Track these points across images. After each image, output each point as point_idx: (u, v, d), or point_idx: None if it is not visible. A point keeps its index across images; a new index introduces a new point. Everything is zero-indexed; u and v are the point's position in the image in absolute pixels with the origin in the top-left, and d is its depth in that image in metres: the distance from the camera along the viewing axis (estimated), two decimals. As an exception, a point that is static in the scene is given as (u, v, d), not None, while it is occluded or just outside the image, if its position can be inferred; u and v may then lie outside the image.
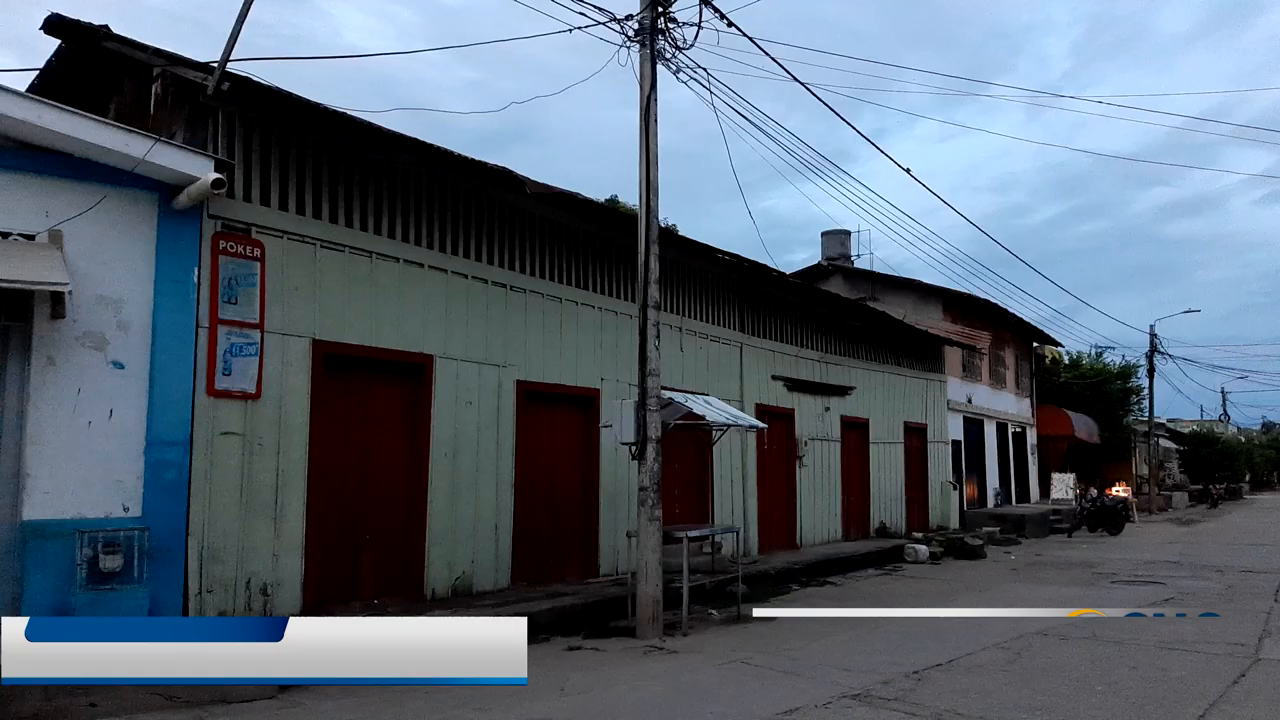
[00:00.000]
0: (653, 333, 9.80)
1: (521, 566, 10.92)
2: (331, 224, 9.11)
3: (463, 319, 10.36)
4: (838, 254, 26.59)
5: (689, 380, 13.92)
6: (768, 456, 16.10)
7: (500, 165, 9.79)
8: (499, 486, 10.65)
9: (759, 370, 15.89)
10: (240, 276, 8.28)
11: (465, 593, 10.18)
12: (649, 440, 9.63)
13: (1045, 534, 24.83)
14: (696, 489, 14.24)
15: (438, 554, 9.90)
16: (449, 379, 10.14)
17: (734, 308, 15.33)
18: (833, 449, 18.08)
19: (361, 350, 9.29)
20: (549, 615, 9.63)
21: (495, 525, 10.57)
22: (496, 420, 10.68)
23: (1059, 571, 15.79)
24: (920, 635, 9.60)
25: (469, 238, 10.55)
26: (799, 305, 17.11)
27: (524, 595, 10.35)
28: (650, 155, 9.91)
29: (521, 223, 11.25)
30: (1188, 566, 16.41)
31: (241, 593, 8.15)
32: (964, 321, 25.09)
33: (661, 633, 9.35)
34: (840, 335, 18.66)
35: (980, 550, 18.30)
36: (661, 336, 13.55)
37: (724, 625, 10.25)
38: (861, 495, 19.20)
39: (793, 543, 16.54)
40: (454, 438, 10.14)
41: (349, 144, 9.22)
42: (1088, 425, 33.65)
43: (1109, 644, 8.89)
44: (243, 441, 8.23)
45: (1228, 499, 50.72)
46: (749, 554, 15.06)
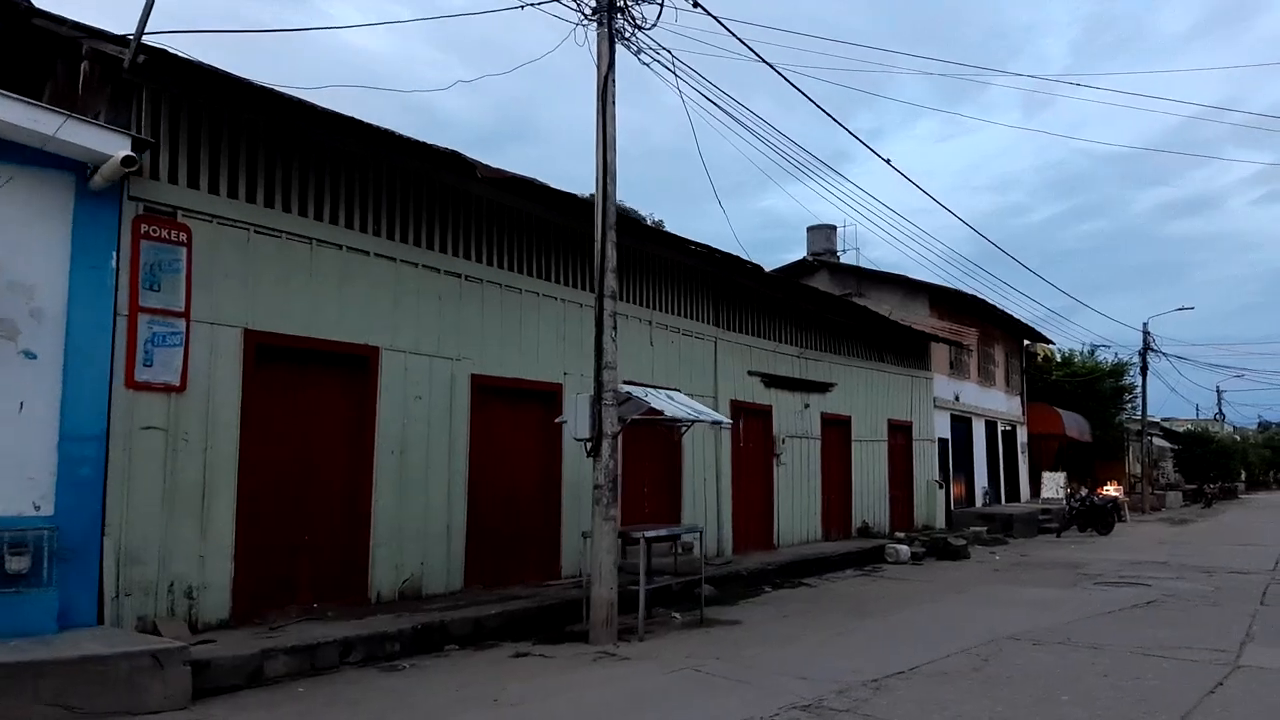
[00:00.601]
0: (609, 324, 9.37)
1: (476, 568, 10.48)
2: (267, 208, 8.66)
3: (413, 310, 9.92)
4: (823, 249, 26.16)
5: (660, 375, 13.49)
6: (744, 454, 15.66)
7: (449, 148, 9.34)
8: (451, 485, 10.21)
9: (734, 366, 15.45)
10: (164, 262, 7.83)
11: (414, 595, 9.74)
12: (605, 436, 9.20)
13: (1034, 534, 24.42)
14: (667, 488, 13.80)
15: (384, 555, 9.46)
16: (397, 372, 9.69)
17: (708, 301, 14.89)
18: (812, 447, 17.64)
19: (299, 341, 8.84)
20: (498, 619, 9.19)
21: (447, 525, 10.13)
22: (449, 415, 10.23)
23: (1042, 572, 15.36)
24: (888, 640, 9.17)
25: (420, 225, 10.11)
26: (777, 299, 16.67)
27: (476, 598, 9.91)
28: (607, 138, 9.48)
29: (478, 210, 10.81)
30: (1175, 567, 15.99)
31: (164, 596, 7.70)
32: (951, 318, 24.67)
33: (616, 638, 8.92)
34: (821, 331, 18.23)
35: (964, 550, 17.87)
36: (632, 331, 13.20)
37: (685, 629, 9.82)
38: (842, 494, 18.77)
39: (770, 543, 16.11)
40: (402, 433, 9.70)
41: (286, 124, 8.78)
42: (1079, 424, 33.22)
43: (1083, 649, 8.46)
44: (166, 436, 7.78)
45: (1222, 498, 50.33)
46: (723, 554, 14.64)
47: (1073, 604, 11.52)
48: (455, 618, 8.87)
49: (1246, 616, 10.31)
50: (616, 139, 9.54)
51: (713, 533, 14.58)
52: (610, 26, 9.53)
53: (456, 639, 8.70)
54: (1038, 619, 10.25)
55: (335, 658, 7.71)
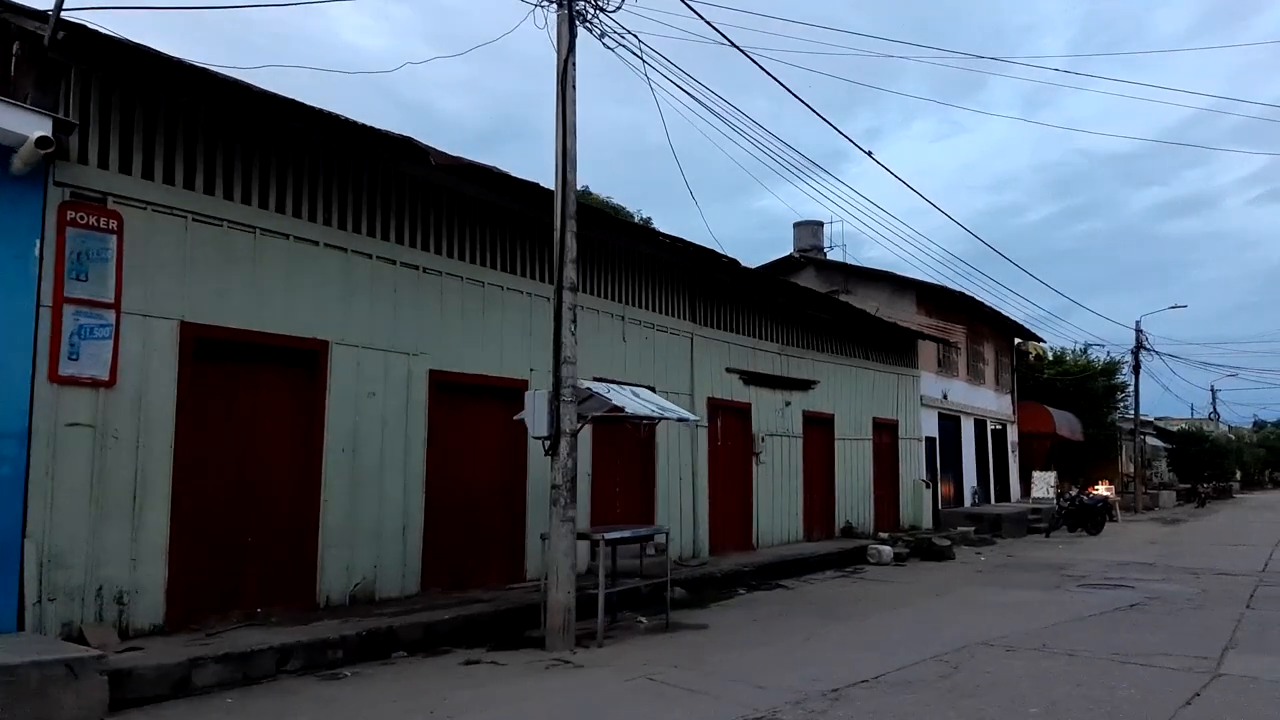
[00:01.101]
0: (569, 317, 9.01)
1: (435, 571, 10.11)
2: (207, 195, 8.28)
3: (366, 303, 9.54)
4: (810, 245, 25.80)
5: (632, 372, 13.13)
6: (721, 453, 15.30)
7: (400, 134, 8.97)
8: (408, 484, 9.84)
9: (711, 363, 15.09)
10: (92, 251, 7.45)
11: (366, 600, 9.37)
12: (563, 434, 8.84)
13: (1023, 534, 24.07)
14: (640, 488, 13.44)
15: (334, 558, 9.09)
16: (348, 367, 9.32)
17: (683, 296, 14.53)
18: (794, 445, 17.28)
19: (242, 335, 8.46)
20: (452, 624, 8.82)
21: (403, 526, 9.76)
22: (405, 413, 9.86)
23: (1027, 574, 15.02)
24: (858, 645, 8.82)
25: (375, 215, 9.74)
26: (757, 295, 16.31)
27: (432, 602, 9.54)
28: (568, 124, 9.12)
29: (438, 200, 10.43)
30: (1162, 569, 15.65)
31: (91, 602, 7.32)
32: (939, 315, 24.32)
33: (574, 644, 8.56)
34: (803, 327, 17.87)
35: (948, 551, 17.52)
36: (604, 326, 12.84)
37: (649, 634, 9.46)
38: (825, 494, 18.41)
39: (748, 543, 15.75)
40: (354, 431, 9.33)
41: (224, 108, 8.40)
42: (1070, 422, 32.91)
43: (1058, 656, 8.11)
44: (94, 434, 7.40)
45: (1216, 498, 50.04)
46: (698, 555, 14.29)
47: (1053, 607, 11.17)
48: (405, 623, 8.51)
49: (1231, 621, 9.96)
50: (577, 125, 9.19)
51: (688, 533, 14.23)
52: (570, 8, 9.17)
53: (406, 645, 8.33)
54: (1015, 623, 9.90)
55: (272, 666, 7.34)
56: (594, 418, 9.64)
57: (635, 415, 9.54)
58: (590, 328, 12.48)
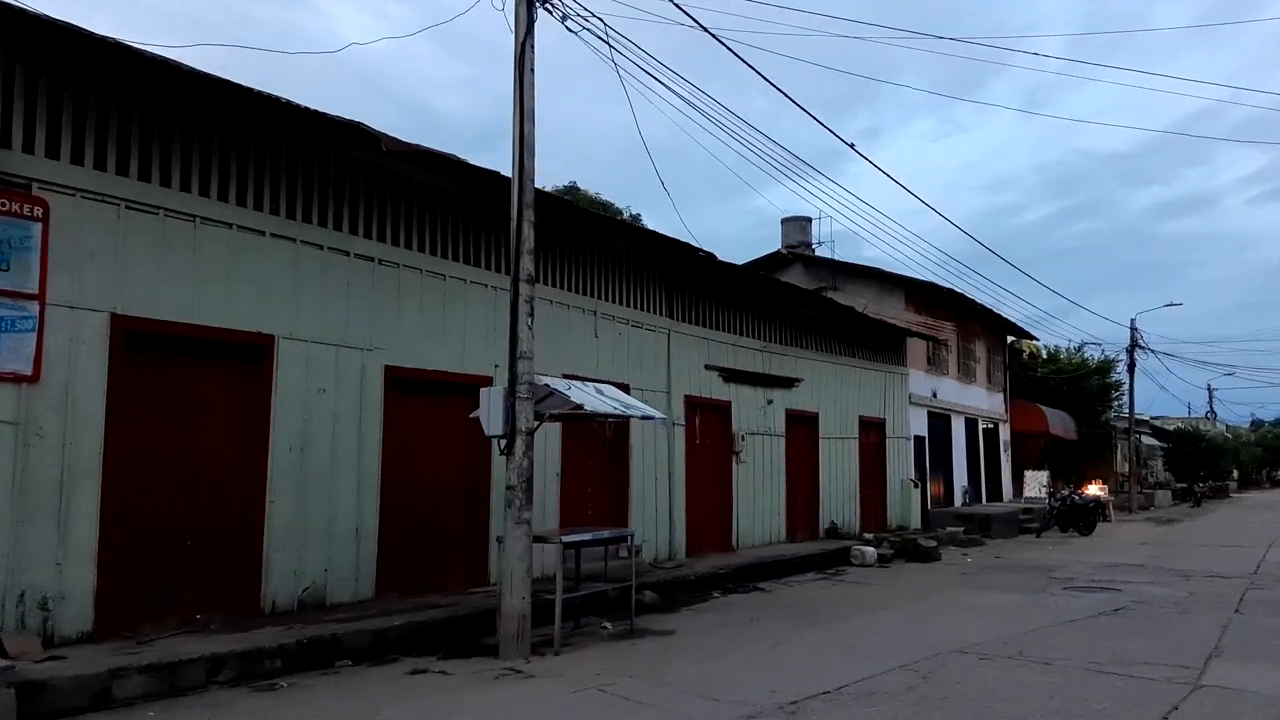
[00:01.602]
0: (525, 310, 8.62)
1: (391, 574, 9.73)
2: (143, 182, 7.90)
3: (316, 295, 9.16)
4: (797, 241, 25.41)
5: (605, 369, 12.76)
6: (700, 452, 14.93)
7: (348, 119, 8.58)
8: (362, 484, 9.46)
9: (690, 360, 14.71)
10: (14, 239, 7.07)
11: (316, 605, 8.99)
12: (519, 433, 8.45)
13: (1014, 534, 23.71)
14: (613, 488, 13.06)
15: (280, 561, 8.71)
16: (297, 363, 8.94)
17: (660, 291, 14.15)
18: (776, 444, 16.91)
19: (180, 328, 8.08)
20: (402, 632, 8.45)
21: (356, 528, 9.38)
22: (359, 410, 9.49)
23: (1012, 576, 14.65)
24: (827, 651, 8.45)
25: (326, 204, 9.35)
26: (737, 291, 15.93)
27: (386, 608, 9.16)
28: (525, 109, 8.74)
29: (395, 189, 10.06)
30: (1152, 570, 15.28)
31: (12, 608, 6.95)
32: (928, 312, 23.94)
33: (529, 652, 8.18)
34: (786, 324, 17.49)
35: (934, 552, 17.15)
36: (574, 321, 12.46)
37: (612, 641, 9.08)
38: (809, 494, 18.04)
39: (728, 545, 15.37)
40: (303, 429, 8.95)
41: (161, 90, 8.02)
42: (1064, 421, 32.53)
43: (1034, 665, 7.74)
44: (16, 431, 7.02)
45: (1213, 497, 49.66)
46: (675, 557, 13.92)
47: (1035, 611, 10.80)
48: (351, 630, 8.13)
49: (1218, 627, 9.59)
50: (535, 111, 8.80)
51: (664, 535, 13.86)
52: (528, -12, 8.79)
53: (351, 653, 7.96)
54: (995, 628, 9.52)
55: (202, 677, 6.96)
56: (556, 415, 9.27)
57: (596, 413, 9.15)
58: (560, 323, 12.13)
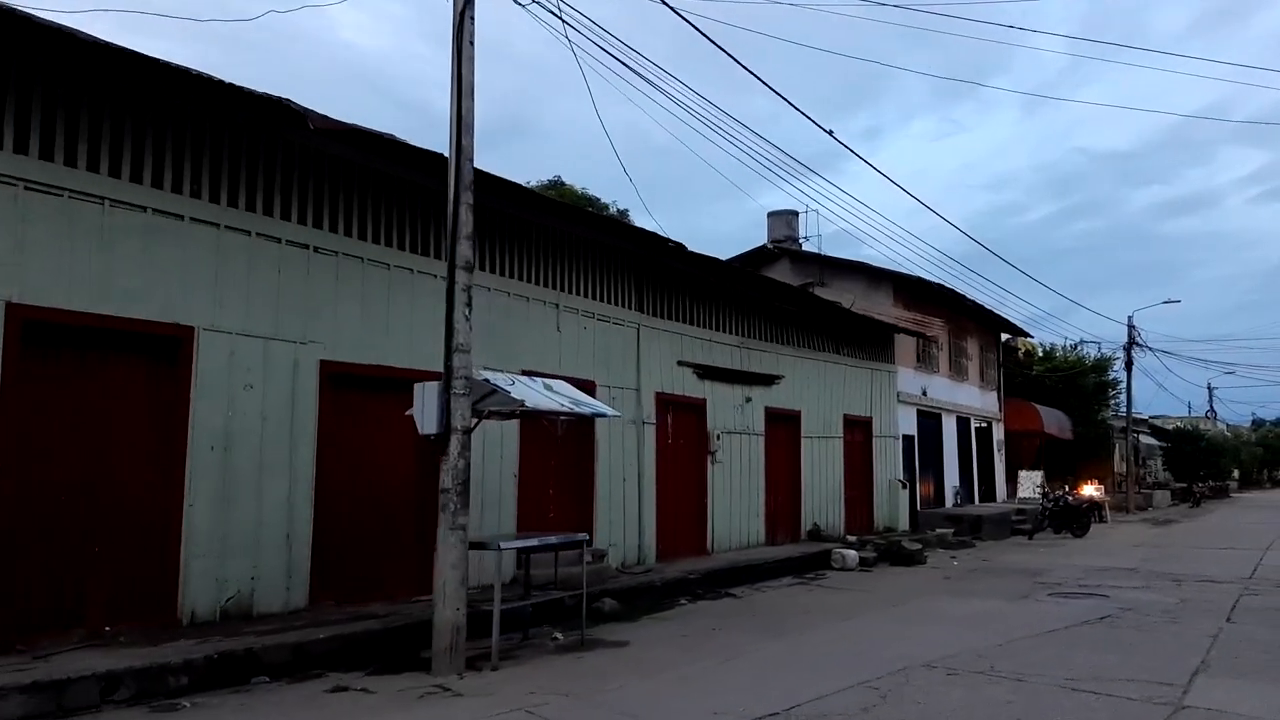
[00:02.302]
0: (462, 299, 8.05)
1: (328, 582, 9.15)
2: (44, 161, 7.32)
3: (242, 285, 8.59)
4: (784, 236, 24.80)
5: (568, 364, 12.18)
6: (672, 452, 14.34)
7: (273, 95, 7.99)
8: (294, 486, 8.88)
9: (661, 355, 14.13)
10: (-110, 220, 6.50)
11: (242, 615, 8.41)
12: (454, 431, 7.88)
13: (1006, 535, 23.13)
14: (576, 490, 12.48)
15: (200, 569, 8.13)
16: (219, 357, 8.36)
17: (629, 284, 13.56)
18: (754, 444, 16.32)
19: (86, 319, 7.50)
20: (329, 644, 7.86)
21: (288, 534, 8.80)
22: (291, 407, 8.91)
23: (997, 580, 14.07)
24: (784, 667, 7.87)
25: (255, 188, 8.77)
26: (713, 285, 15.34)
27: (319, 618, 8.58)
28: (463, 84, 8.15)
29: (334, 172, 9.48)
30: (1143, 574, 14.69)
31: (-114, 623, 6.37)
32: (917, 308, 23.33)
33: (463, 667, 7.61)
34: (766, 319, 16.90)
35: (918, 555, 16.55)
36: (534, 314, 11.86)
37: (558, 654, 8.51)
38: (790, 495, 17.45)
39: (702, 548, 14.78)
40: (226, 427, 8.37)
41: (66, 65, 7.44)
42: (1059, 420, 31.92)
43: (1004, 681, 7.15)
44: (-108, 430, 6.45)
45: (1213, 497, 49.07)
46: (644, 562, 13.34)
47: (1014, 620, 10.22)
48: (270, 644, 7.54)
49: (1207, 638, 9.00)
50: (474, 86, 8.23)
51: (632, 538, 13.28)
52: (467, -46, 8.21)
53: (270, 669, 7.37)
54: (968, 639, 8.94)
55: (95, 696, 6.38)
56: (497, 413, 8.68)
57: (538, 410, 8.55)
58: (519, 317, 11.56)
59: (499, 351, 11.10)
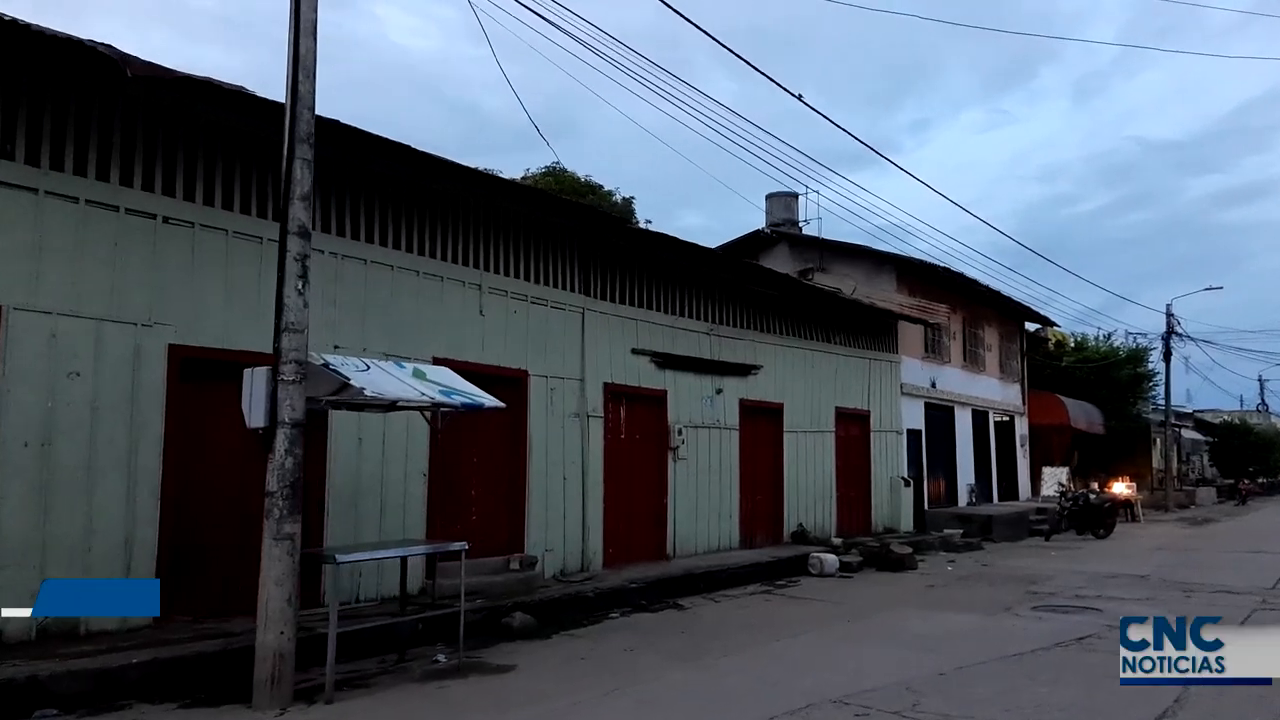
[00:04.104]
0: (295, 270, 6.98)
1: (181, 595, 8.11)
2: None
3: (68, 259, 7.56)
4: (783, 219, 23.41)
5: (493, 352, 11.06)
6: (625, 448, 13.14)
7: (84, 39, 6.92)
8: (135, 487, 7.84)
9: (612, 342, 12.92)
10: None
11: (65, 633, 7.39)
12: (281, 425, 6.78)
13: (1022, 536, 21.58)
14: (506, 490, 11.33)
15: (11, 580, 7.12)
16: (36, 340, 7.34)
17: (571, 264, 12.36)
18: (727, 439, 15.05)
19: None
20: (145, 670, 6.81)
21: (126, 539, 7.76)
22: (131, 398, 7.86)
23: (984, 590, 12.67)
24: (669, 704, 6.69)
25: (86, 150, 7.73)
26: (678, 266, 14.08)
27: (161, 637, 7.53)
28: (302, 20, 7.05)
29: (190, 134, 8.43)
30: (1153, 583, 13.19)
31: None
32: (925, 294, 21.82)
33: (289, 700, 6.57)
34: (741, 304, 15.60)
35: (908, 560, 15.17)
36: (452, 296, 10.64)
37: (425, 681, 7.39)
38: (771, 494, 16.14)
39: (662, 553, 13.57)
40: (46, 421, 7.36)
41: None
42: (1088, 414, 30.09)
43: (922, 726, 5.88)
44: None
45: (1263, 494, 46.56)
46: (589, 568, 12.18)
47: (978, 641, 8.88)
48: (67, 670, 6.51)
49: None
50: (317, 23, 7.11)
51: (574, 543, 12.12)
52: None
53: (62, 700, 6.35)
54: (910, 666, 7.64)
55: None
56: (338, 404, 7.55)
57: (384, 398, 7.35)
58: (431, 298, 10.46)
59: (402, 337, 10.02)
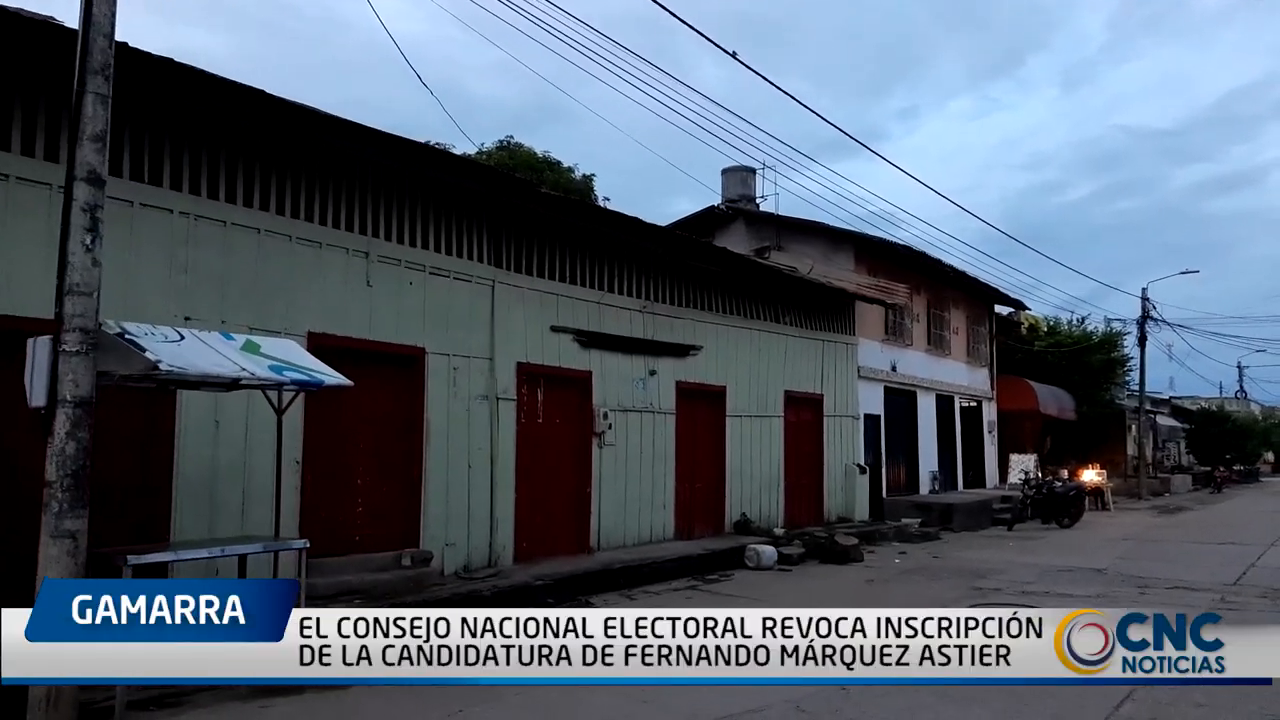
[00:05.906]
0: (82, 222, 5.93)
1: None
2: None
3: None
4: (739, 195, 22.41)
5: (383, 327, 10.08)
6: (541, 433, 12.18)
7: None
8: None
9: (527, 319, 11.93)
10: None
11: None
12: (63, 403, 5.77)
13: (984, 526, 20.79)
14: (401, 478, 10.35)
15: None
16: None
17: (478, 233, 11.34)
18: (662, 424, 14.11)
19: None
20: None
21: (-88, 537, 6.77)
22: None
23: (926, 586, 11.80)
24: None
25: None
26: (605, 237, 13.09)
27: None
28: (95, -66, 6.00)
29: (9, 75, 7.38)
30: (1109, 577, 12.37)
31: None
32: (884, 274, 20.91)
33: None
34: (680, 280, 14.63)
35: (853, 552, 14.28)
36: (333, 265, 9.60)
37: (246, 700, 6.42)
38: (712, 482, 15.22)
39: (584, 545, 12.62)
40: None
41: None
42: (1058, 399, 29.29)
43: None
44: None
45: (1239, 482, 46.06)
46: (497, 563, 11.24)
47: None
48: None
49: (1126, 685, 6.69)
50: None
51: (481, 536, 11.16)
52: None
53: None
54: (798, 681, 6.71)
55: None
56: (130, 379, 6.51)
57: (181, 375, 6.31)
58: (305, 266, 9.46)
59: (272, 309, 9.01)
